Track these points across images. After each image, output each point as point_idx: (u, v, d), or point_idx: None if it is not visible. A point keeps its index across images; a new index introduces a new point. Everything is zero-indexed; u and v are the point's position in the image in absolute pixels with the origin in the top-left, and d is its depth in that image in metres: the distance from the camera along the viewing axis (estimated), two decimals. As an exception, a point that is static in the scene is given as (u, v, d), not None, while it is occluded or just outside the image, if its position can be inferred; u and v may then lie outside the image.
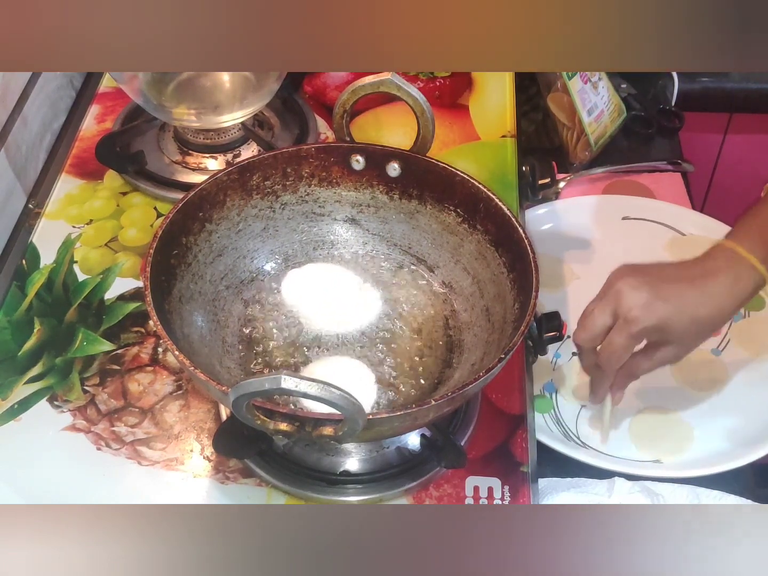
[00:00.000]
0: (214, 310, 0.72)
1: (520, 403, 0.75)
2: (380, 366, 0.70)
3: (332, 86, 1.03)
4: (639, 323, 0.71)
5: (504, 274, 0.69)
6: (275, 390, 0.49)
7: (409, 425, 0.62)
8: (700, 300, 0.72)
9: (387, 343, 0.72)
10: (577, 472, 0.81)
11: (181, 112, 0.90)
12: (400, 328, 0.73)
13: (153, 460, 0.71)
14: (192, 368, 0.58)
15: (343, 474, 0.70)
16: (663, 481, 0.81)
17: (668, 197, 1.11)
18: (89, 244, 0.86)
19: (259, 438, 0.68)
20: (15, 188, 0.91)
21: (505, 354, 0.59)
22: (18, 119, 0.91)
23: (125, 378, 0.76)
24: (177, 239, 0.69)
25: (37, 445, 0.72)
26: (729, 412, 0.89)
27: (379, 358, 0.71)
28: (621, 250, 1.04)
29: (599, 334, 0.74)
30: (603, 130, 1.12)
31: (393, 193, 0.75)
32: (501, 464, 0.71)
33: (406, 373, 0.70)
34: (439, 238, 0.75)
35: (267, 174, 0.74)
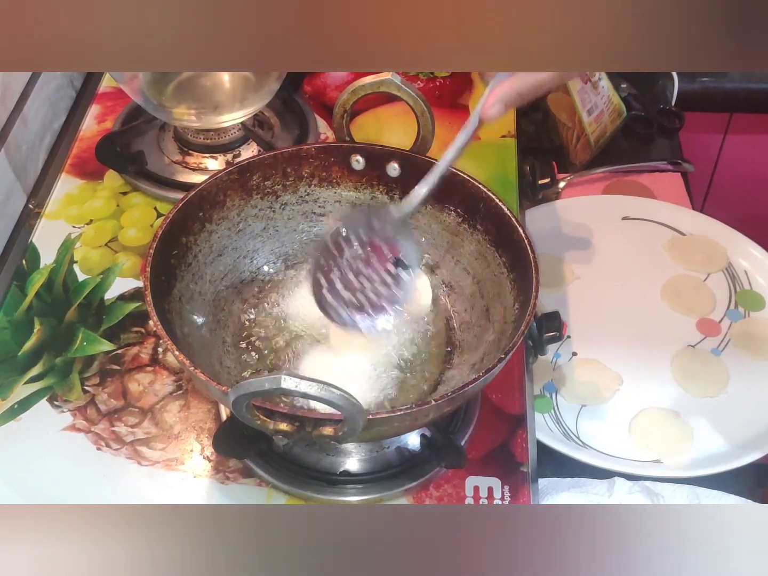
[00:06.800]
0: (214, 310, 0.72)
1: (520, 403, 0.75)
2: (380, 366, 0.70)
3: (332, 86, 1.03)
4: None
5: (504, 274, 0.69)
6: (275, 390, 0.49)
7: (409, 425, 0.62)
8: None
9: (387, 342, 0.72)
10: (577, 472, 0.82)
11: (181, 112, 0.90)
12: (400, 328, 0.73)
13: (153, 460, 0.71)
14: (192, 368, 0.58)
15: (343, 474, 0.70)
16: (663, 481, 0.81)
17: (668, 197, 1.11)
18: (89, 244, 0.86)
19: (259, 438, 0.68)
20: (15, 188, 0.91)
21: (505, 354, 0.59)
22: (18, 119, 0.91)
23: (125, 378, 0.76)
24: (177, 239, 0.69)
25: (37, 445, 0.72)
26: (729, 412, 0.89)
27: (380, 358, 0.71)
28: (621, 250, 1.04)
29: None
30: (603, 130, 1.12)
31: (393, 193, 0.75)
32: (501, 464, 0.71)
33: (407, 373, 0.70)
34: (439, 238, 0.75)
35: (267, 174, 0.74)
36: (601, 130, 1.12)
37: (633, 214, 1.08)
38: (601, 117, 1.12)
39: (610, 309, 0.98)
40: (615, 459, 0.84)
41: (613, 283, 1.01)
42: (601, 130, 1.12)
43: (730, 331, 0.96)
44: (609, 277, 1.01)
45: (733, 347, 0.95)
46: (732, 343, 0.95)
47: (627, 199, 1.09)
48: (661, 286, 1.00)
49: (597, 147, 1.13)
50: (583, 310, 0.98)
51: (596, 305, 0.98)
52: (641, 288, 1.00)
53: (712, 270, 1.02)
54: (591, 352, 0.93)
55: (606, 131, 1.13)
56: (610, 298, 0.99)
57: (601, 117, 1.12)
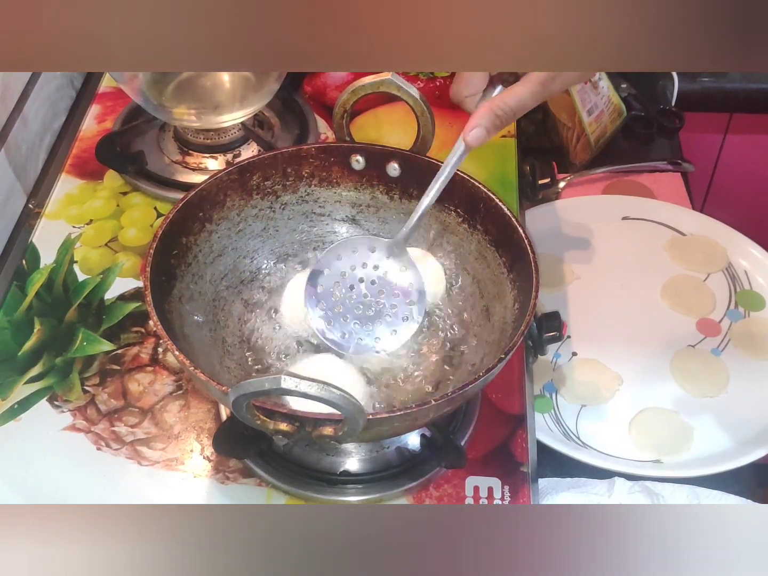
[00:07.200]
0: (214, 310, 0.72)
1: (520, 403, 0.75)
2: (380, 365, 0.70)
3: (332, 86, 1.03)
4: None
5: (504, 274, 0.69)
6: (275, 390, 0.49)
7: (409, 425, 0.62)
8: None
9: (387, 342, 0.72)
10: (577, 472, 0.82)
11: (181, 112, 0.90)
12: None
13: (153, 460, 0.71)
14: (192, 368, 0.58)
15: (343, 474, 0.70)
16: (663, 481, 0.81)
17: (668, 197, 1.11)
18: (89, 244, 0.86)
19: (259, 438, 0.68)
20: (15, 188, 0.91)
21: (505, 354, 0.59)
22: (18, 119, 0.92)
23: (125, 378, 0.76)
24: (177, 239, 0.69)
25: (37, 445, 0.72)
26: (729, 412, 0.89)
27: (380, 358, 0.71)
28: (621, 250, 1.04)
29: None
30: (603, 130, 1.12)
31: (393, 193, 0.75)
32: (501, 464, 0.71)
33: (407, 374, 0.70)
34: (439, 238, 0.75)
35: (267, 174, 0.74)
36: (601, 130, 1.12)
37: (633, 214, 1.08)
38: (601, 117, 1.12)
39: (610, 309, 0.98)
40: (615, 459, 0.84)
41: (613, 283, 1.01)
42: (601, 130, 1.12)
43: (730, 331, 0.96)
44: (609, 277, 1.01)
45: (733, 347, 0.95)
46: (732, 343, 0.95)
47: (627, 199, 1.09)
48: (661, 286, 1.01)
49: (597, 147, 1.13)
50: (583, 310, 0.98)
51: (596, 305, 0.98)
52: (641, 288, 1.00)
53: (712, 270, 1.02)
54: (591, 352, 0.93)
55: (606, 131, 1.13)
56: (610, 298, 0.99)
57: (601, 117, 1.12)
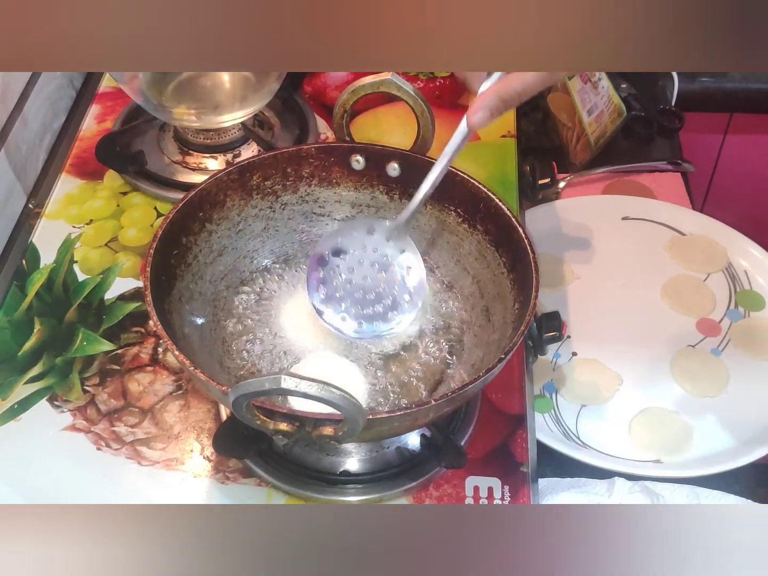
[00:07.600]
0: (214, 310, 0.72)
1: (520, 403, 0.75)
2: (380, 365, 0.71)
3: (332, 86, 1.03)
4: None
5: (504, 274, 0.69)
6: (275, 390, 0.49)
7: (409, 425, 0.62)
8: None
9: (387, 342, 0.72)
10: (577, 472, 0.82)
11: (181, 112, 0.90)
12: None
13: (153, 460, 0.71)
14: (192, 368, 0.58)
15: (343, 474, 0.70)
16: (663, 481, 0.81)
17: (668, 197, 1.11)
18: (89, 244, 0.86)
19: (259, 438, 0.68)
20: (15, 188, 0.91)
21: (505, 354, 0.59)
22: (18, 119, 0.91)
23: (125, 378, 0.76)
24: (177, 239, 0.69)
25: (37, 445, 0.72)
26: (729, 412, 0.89)
27: (380, 358, 0.71)
28: (621, 250, 1.04)
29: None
30: (603, 130, 1.12)
31: (393, 193, 0.75)
32: (501, 464, 0.71)
33: (407, 373, 0.70)
34: (439, 238, 0.75)
35: (267, 174, 0.74)
36: (601, 130, 1.12)
37: (633, 214, 1.08)
38: (601, 117, 1.12)
39: (610, 309, 0.98)
40: (615, 459, 0.84)
41: (613, 283, 1.01)
42: (601, 130, 1.12)
43: (730, 331, 0.96)
44: (609, 277, 1.01)
45: (733, 347, 0.95)
46: (732, 343, 0.95)
47: (627, 199, 1.09)
48: (661, 286, 1.01)
49: (597, 147, 1.13)
50: (583, 310, 0.98)
51: (596, 305, 0.98)
52: (641, 288, 1.00)
53: (712, 270, 1.02)
54: (591, 352, 0.93)
55: (606, 131, 1.13)
56: (610, 298, 0.99)
57: (601, 117, 1.12)
